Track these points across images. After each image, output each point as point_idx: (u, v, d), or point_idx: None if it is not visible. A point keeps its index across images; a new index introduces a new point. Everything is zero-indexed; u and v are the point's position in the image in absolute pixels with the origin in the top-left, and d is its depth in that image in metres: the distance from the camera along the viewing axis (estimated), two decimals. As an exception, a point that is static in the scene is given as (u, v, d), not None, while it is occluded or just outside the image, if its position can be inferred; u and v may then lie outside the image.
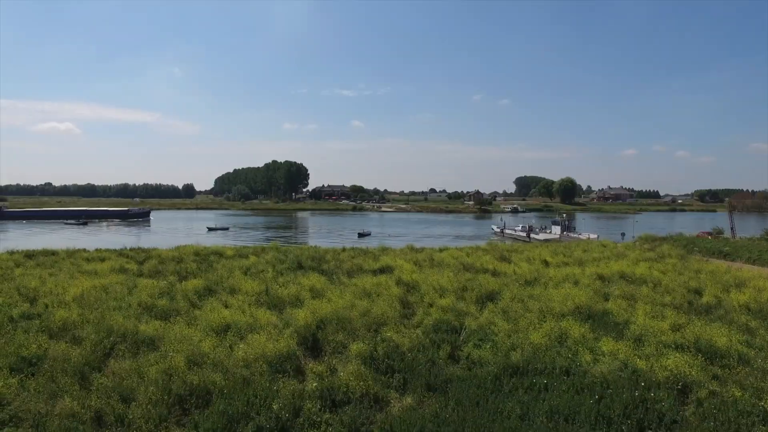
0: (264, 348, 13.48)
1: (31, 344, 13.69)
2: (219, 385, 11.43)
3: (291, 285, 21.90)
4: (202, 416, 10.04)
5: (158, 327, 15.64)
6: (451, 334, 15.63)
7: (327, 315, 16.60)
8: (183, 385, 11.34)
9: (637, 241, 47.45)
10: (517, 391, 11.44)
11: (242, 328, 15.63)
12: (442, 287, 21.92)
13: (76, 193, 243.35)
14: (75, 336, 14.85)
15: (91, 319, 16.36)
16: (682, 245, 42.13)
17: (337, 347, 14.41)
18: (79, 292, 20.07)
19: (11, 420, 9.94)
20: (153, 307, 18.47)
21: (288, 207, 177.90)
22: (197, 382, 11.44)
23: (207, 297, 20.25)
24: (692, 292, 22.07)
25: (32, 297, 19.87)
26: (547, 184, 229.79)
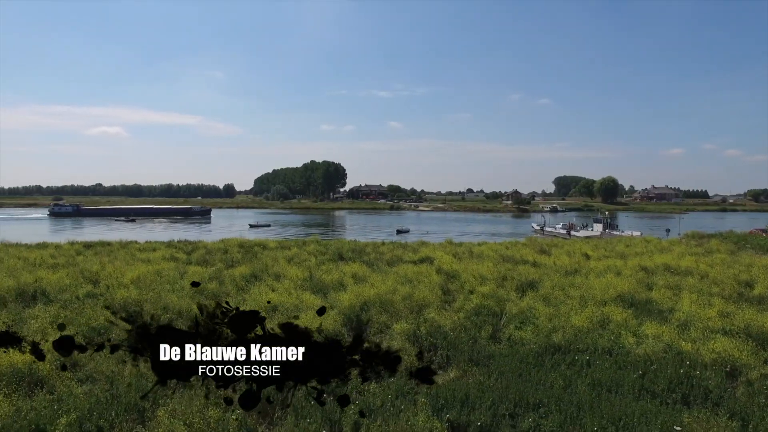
0: (310, 325, 14.00)
1: (98, 317, 14.72)
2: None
3: (334, 272, 22.52)
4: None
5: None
6: (492, 318, 15.84)
7: (370, 298, 17.08)
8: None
9: (683, 238, 46.13)
10: (559, 366, 11.60)
11: (288, 308, 16.29)
12: (482, 276, 22.10)
13: (123, 193, 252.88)
14: (135, 312, 15.82)
15: (148, 298, 17.39)
16: (733, 242, 40.72)
17: (380, 327, 14.87)
18: (135, 276, 21.29)
19: (87, 379, 10.80)
20: (204, 289, 19.42)
21: (326, 206, 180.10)
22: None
23: (253, 282, 21.06)
24: (743, 284, 21.45)
25: (94, 279, 21.18)
26: (587, 183, 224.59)
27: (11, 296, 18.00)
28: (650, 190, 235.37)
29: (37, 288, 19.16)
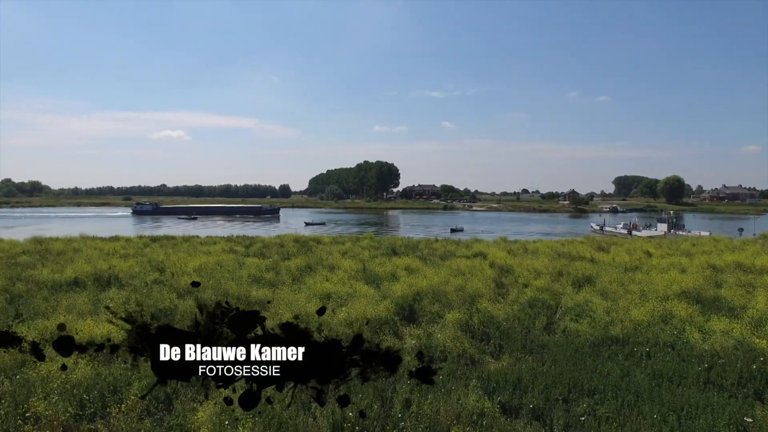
0: (364, 312, 14.33)
1: (165, 300, 15.63)
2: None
3: (387, 264, 22.75)
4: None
5: (267, 293, 17.09)
6: (546, 310, 15.55)
7: (423, 288, 17.17)
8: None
9: (759, 238, 43.28)
10: (617, 356, 11.25)
11: (342, 296, 16.64)
12: (537, 270, 21.69)
13: (186, 194, 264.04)
14: (197, 297, 16.62)
15: (210, 285, 18.23)
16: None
17: (433, 317, 14.92)
18: (197, 265, 22.40)
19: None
20: (261, 278, 20.19)
21: (379, 206, 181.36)
22: (306, 335, 12.42)
23: (308, 273, 21.60)
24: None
25: (160, 268, 22.42)
26: (650, 183, 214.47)
27: (90, 281, 19.39)
28: (721, 189, 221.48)
29: (111, 274, 20.53)
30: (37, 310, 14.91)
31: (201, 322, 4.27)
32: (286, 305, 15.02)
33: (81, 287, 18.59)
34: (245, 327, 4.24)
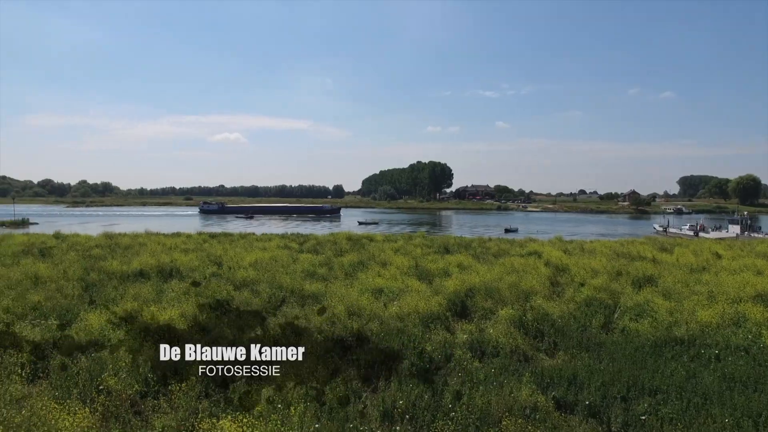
0: (416, 306, 14.30)
1: (222, 291, 16.21)
2: (375, 331, 12.41)
3: (439, 261, 22.62)
4: (361, 352, 11.01)
5: (320, 287, 17.36)
6: (603, 309, 14.98)
7: (476, 285, 16.95)
8: (344, 328, 12.53)
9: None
10: (681, 357, 10.66)
11: (394, 291, 16.68)
12: (594, 269, 20.94)
13: (243, 194, 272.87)
14: (253, 289, 17.14)
15: (265, 278, 18.74)
16: None
17: (485, 313, 14.69)
18: (253, 260, 23.08)
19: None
20: (314, 273, 20.56)
21: (432, 206, 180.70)
22: (357, 327, 12.55)
23: (360, 269, 21.78)
24: None
25: (218, 262, 23.27)
26: (719, 183, 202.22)
27: (153, 272, 20.38)
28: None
29: (173, 267, 21.50)
30: (107, 297, 15.82)
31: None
32: (339, 299, 15.21)
33: (145, 278, 19.58)
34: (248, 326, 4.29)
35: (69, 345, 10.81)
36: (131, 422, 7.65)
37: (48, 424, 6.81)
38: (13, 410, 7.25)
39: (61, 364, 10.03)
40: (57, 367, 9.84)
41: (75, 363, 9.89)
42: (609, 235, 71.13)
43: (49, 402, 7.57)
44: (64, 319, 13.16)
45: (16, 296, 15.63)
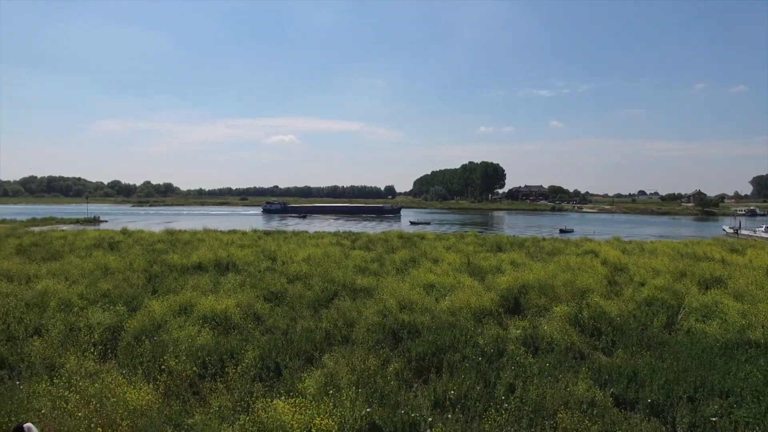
0: (468, 301, 14.14)
1: (276, 284, 16.62)
2: (427, 325, 12.35)
3: (491, 259, 22.28)
4: (413, 344, 10.99)
5: (372, 281, 17.46)
6: (666, 310, 14.25)
7: (529, 281, 16.56)
8: (395, 321, 12.55)
9: None
10: (757, 360, 9.95)
11: (446, 287, 16.55)
12: (656, 269, 20.00)
13: (296, 194, 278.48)
14: (306, 283, 17.45)
15: (318, 272, 19.05)
16: None
17: (539, 310, 14.32)
18: (306, 255, 23.53)
19: (267, 331, 12.22)
20: (366, 269, 20.71)
21: (484, 206, 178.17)
22: (408, 320, 12.54)
23: (412, 265, 21.75)
24: None
25: (272, 257, 23.87)
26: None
27: (211, 266, 21.16)
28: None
29: (229, 261, 22.22)
30: (169, 287, 16.54)
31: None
32: (391, 293, 15.25)
33: (204, 271, 20.34)
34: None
35: (135, 328, 11.40)
36: (190, 401, 7.94)
37: (117, 396, 7.20)
38: (88, 382, 7.71)
39: (127, 345, 10.60)
40: (124, 348, 10.40)
41: (140, 345, 10.40)
42: (672, 236, 67.77)
43: (118, 377, 8.01)
44: (131, 305, 13.86)
45: (89, 284, 16.64)
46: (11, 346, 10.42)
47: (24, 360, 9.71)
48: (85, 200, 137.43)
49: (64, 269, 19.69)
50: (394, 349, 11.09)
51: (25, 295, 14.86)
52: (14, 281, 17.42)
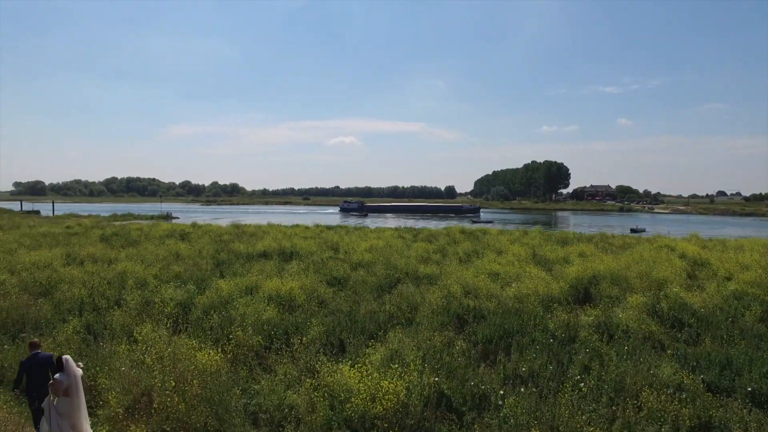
0: (536, 288, 13.60)
1: (339, 270, 16.71)
2: (493, 310, 11.96)
3: (558, 251, 21.43)
4: (479, 326, 10.66)
5: (435, 269, 17.20)
6: (760, 304, 13.05)
7: (600, 272, 15.72)
8: (459, 306, 12.24)
9: None
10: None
11: (511, 276, 16.03)
12: (743, 264, 18.46)
13: (357, 194, 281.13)
14: (369, 270, 17.43)
15: (380, 260, 19.00)
16: None
17: (611, 300, 13.54)
18: (368, 246, 23.58)
19: (331, 313, 12.25)
20: (428, 258, 20.47)
21: (547, 206, 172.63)
22: (473, 305, 12.20)
23: (475, 257, 21.29)
24: None
25: (335, 248, 24.08)
26: None
27: (275, 254, 21.62)
28: None
29: (293, 250, 22.62)
30: (235, 272, 17.01)
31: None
32: (455, 279, 14.95)
33: (268, 258, 20.81)
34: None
35: (204, 304, 11.76)
36: (256, 369, 8.05)
37: (189, 358, 7.38)
38: (162, 346, 7.98)
39: (197, 318, 10.94)
40: (194, 321, 10.73)
41: (209, 318, 10.71)
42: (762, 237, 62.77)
43: (189, 342, 8.23)
44: (200, 286, 14.34)
45: (162, 267, 17.44)
46: (96, 316, 11.27)
47: (106, 327, 10.36)
48: (159, 199, 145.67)
49: (141, 254, 20.78)
50: (460, 332, 10.81)
51: (107, 274, 15.88)
52: (98, 263, 18.62)
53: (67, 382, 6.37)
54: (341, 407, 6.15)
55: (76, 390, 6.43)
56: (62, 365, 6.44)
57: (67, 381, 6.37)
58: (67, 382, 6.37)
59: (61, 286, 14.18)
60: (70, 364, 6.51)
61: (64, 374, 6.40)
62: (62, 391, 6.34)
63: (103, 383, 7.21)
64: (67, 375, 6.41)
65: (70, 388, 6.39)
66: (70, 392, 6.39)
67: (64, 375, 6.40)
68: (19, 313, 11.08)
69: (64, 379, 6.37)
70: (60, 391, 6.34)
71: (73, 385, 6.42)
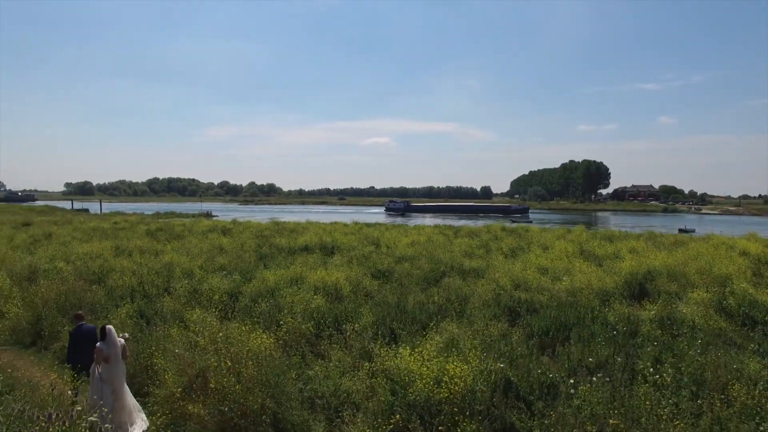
0: (589, 282, 13.07)
1: (383, 263, 16.51)
2: (545, 303, 11.53)
3: (607, 246, 20.67)
4: (534, 318, 10.24)
5: (481, 263, 16.79)
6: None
7: (656, 267, 14.99)
8: (510, 299, 11.85)
9: None
10: None
11: (560, 270, 15.51)
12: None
13: (392, 195, 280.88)
14: (413, 263, 17.16)
15: (423, 254, 18.72)
16: None
17: (669, 296, 12.87)
18: (409, 241, 23.35)
19: (377, 305, 12.03)
20: (472, 253, 20.05)
21: (586, 207, 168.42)
22: (525, 298, 11.78)
23: (520, 253, 20.74)
24: None
25: (376, 243, 23.92)
26: None
27: (317, 248, 21.62)
28: None
29: (334, 245, 22.58)
30: (279, 264, 17.04)
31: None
32: (503, 273, 14.55)
33: (310, 252, 20.81)
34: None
35: (251, 292, 11.75)
36: (308, 355, 7.90)
37: (242, 341, 7.27)
38: (216, 329, 7.94)
39: (244, 306, 10.92)
40: (242, 308, 10.71)
41: (256, 306, 10.67)
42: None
43: (240, 326, 8.16)
44: (245, 276, 14.40)
45: (207, 259, 17.63)
46: (147, 302, 11.38)
47: (157, 313, 10.45)
48: (199, 199, 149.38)
49: (185, 247, 21.13)
50: (513, 325, 10.43)
51: (154, 265, 16.13)
52: (145, 255, 19.03)
53: (108, 351, 6.77)
54: (403, 392, 5.89)
55: (116, 358, 6.81)
56: (105, 334, 6.86)
57: (108, 350, 6.78)
58: (108, 351, 6.77)
59: (112, 274, 14.63)
60: (112, 333, 6.92)
61: (105, 343, 6.80)
62: (103, 358, 6.73)
63: (158, 363, 7.21)
64: (109, 344, 6.81)
65: (111, 356, 6.77)
66: (111, 360, 6.76)
67: (105, 344, 6.80)
68: (77, 297, 11.43)
69: (104, 348, 6.77)
70: (101, 358, 6.73)
71: (114, 353, 6.80)
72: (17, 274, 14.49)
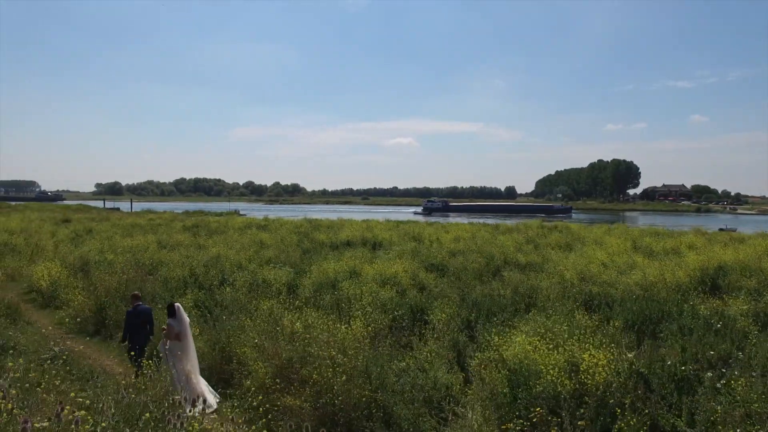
0: (662, 275, 12.39)
1: (437, 256, 16.07)
2: (617, 297, 10.93)
3: (661, 241, 19.87)
4: (616, 312, 9.65)
5: (537, 257, 16.22)
6: None
7: (727, 262, 14.19)
8: (581, 292, 11.27)
9: None
10: None
11: (620, 265, 14.86)
12: None
13: (415, 195, 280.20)
14: (466, 258, 16.66)
15: (473, 248, 18.21)
16: None
17: (748, 292, 12.08)
18: (453, 237, 22.85)
19: (435, 298, 11.58)
20: (521, 249, 19.42)
21: (615, 207, 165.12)
22: (596, 291, 11.20)
23: (566, 249, 20.07)
24: None
25: (417, 238, 23.48)
26: None
27: (359, 243, 21.28)
28: None
29: (375, 240, 22.22)
30: (327, 258, 16.72)
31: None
32: (567, 266, 13.97)
33: (353, 247, 20.46)
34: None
35: (313, 283, 11.39)
36: (395, 346, 7.48)
37: (328, 330, 6.87)
38: (289, 320, 7.57)
39: (307, 298, 10.56)
40: (306, 300, 10.34)
41: (321, 298, 10.30)
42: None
43: (323, 314, 7.78)
44: (296, 269, 14.09)
45: (253, 253, 17.39)
46: (205, 293, 11.04)
47: (217, 304, 10.13)
48: (226, 199, 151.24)
49: (227, 241, 20.97)
50: (590, 318, 9.83)
51: (201, 258, 15.93)
52: (189, 249, 18.91)
53: (178, 328, 6.98)
54: (526, 382, 5.38)
55: (185, 335, 6.99)
56: (174, 312, 7.05)
57: (178, 326, 7.00)
58: (178, 328, 6.99)
59: (161, 267, 14.50)
60: (181, 311, 7.15)
61: (175, 320, 7.01)
62: (174, 335, 6.94)
63: (246, 353, 6.87)
64: (179, 320, 7.02)
65: (182, 332, 6.97)
66: (181, 336, 6.95)
67: (175, 321, 7.00)
68: (137, 287, 11.23)
69: (175, 325, 6.99)
70: (172, 334, 6.95)
71: (183, 330, 7.00)
72: (70, 265, 14.47)
